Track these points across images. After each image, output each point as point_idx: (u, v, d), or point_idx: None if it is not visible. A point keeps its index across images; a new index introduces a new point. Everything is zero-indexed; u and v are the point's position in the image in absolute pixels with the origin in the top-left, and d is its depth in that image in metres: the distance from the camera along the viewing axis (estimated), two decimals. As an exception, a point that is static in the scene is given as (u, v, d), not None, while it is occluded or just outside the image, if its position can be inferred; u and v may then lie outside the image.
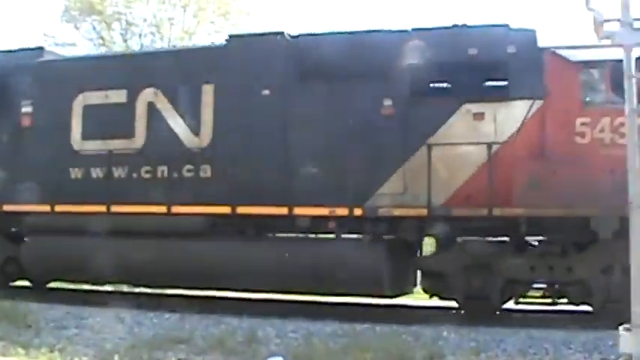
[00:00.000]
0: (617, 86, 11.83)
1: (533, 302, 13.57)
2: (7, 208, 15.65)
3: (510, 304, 13.60)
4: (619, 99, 11.49)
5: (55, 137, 15.32)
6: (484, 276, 13.02)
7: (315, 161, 13.64)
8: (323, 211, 13.44)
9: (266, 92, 14.01)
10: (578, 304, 13.12)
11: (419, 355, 9.90)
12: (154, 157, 14.59)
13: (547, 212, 12.34)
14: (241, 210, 13.81)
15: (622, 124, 11.47)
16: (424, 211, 12.87)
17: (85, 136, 15.16)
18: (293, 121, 13.85)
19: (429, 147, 12.84)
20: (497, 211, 12.50)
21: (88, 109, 15.17)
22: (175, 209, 14.15)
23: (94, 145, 15.04)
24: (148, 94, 14.75)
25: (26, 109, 15.61)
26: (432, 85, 13.52)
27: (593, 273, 12.65)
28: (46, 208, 15.04)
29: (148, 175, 14.59)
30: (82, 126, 15.19)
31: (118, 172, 14.81)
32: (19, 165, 15.60)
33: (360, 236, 13.73)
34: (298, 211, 13.56)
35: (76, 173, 15.19)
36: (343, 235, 13.80)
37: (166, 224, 14.11)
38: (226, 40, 15.13)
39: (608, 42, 12.02)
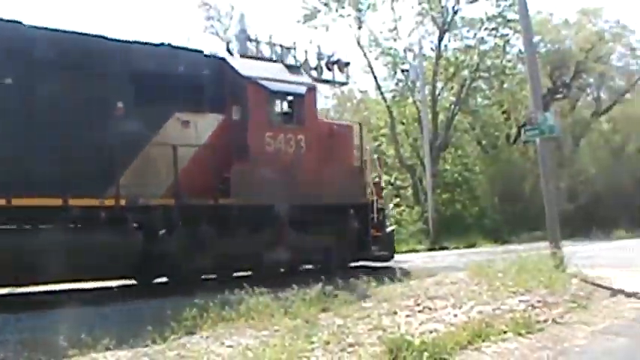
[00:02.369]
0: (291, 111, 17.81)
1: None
2: None
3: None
4: (291, 120, 17.68)
5: None
6: (203, 254, 15.59)
7: (55, 152, 13.62)
8: (103, 203, 14.23)
9: (9, 81, 13.50)
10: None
11: None
12: None
13: (250, 201, 16.20)
14: (20, 202, 13.03)
15: (290, 139, 17.29)
16: (172, 201, 15.17)
17: None
18: (37, 112, 13.68)
19: (166, 147, 15.08)
20: (222, 201, 15.83)
21: None
22: None
23: None
24: None
25: None
26: (152, 93, 15.11)
27: (263, 247, 16.70)
28: None
29: None
30: None
31: None
32: None
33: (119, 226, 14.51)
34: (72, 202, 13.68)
35: None
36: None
37: None
38: None
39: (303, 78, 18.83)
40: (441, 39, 41.14)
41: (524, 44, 19.18)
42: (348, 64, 21.25)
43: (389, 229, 20.54)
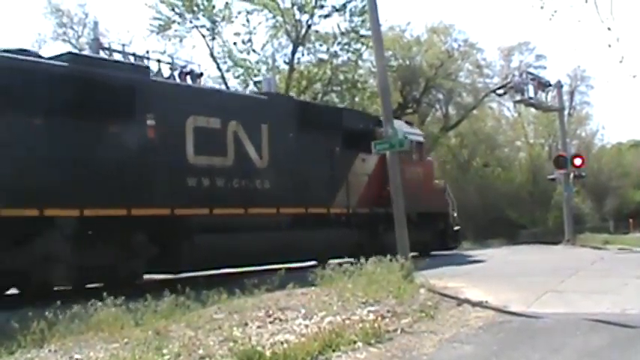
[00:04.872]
0: (415, 152, 27.80)
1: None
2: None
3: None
4: (414, 158, 27.32)
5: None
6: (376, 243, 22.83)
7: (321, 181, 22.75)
8: (341, 210, 23.64)
9: (291, 135, 21.75)
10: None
11: None
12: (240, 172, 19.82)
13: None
14: (312, 210, 22.03)
15: (414, 170, 26.49)
16: (368, 210, 24.46)
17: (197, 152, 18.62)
18: (301, 152, 21.91)
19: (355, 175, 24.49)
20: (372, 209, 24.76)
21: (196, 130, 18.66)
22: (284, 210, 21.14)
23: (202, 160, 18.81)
24: (233, 125, 19.66)
25: (150, 122, 17.48)
26: (350, 141, 23.94)
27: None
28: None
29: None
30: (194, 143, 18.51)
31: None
32: None
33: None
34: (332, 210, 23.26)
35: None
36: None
37: (272, 220, 20.85)
38: (266, 95, 22.96)
39: (418, 131, 30.64)
40: (294, 52, 41.51)
41: (376, 60, 20.39)
42: (200, 75, 21.15)
43: (455, 229, 30.46)
